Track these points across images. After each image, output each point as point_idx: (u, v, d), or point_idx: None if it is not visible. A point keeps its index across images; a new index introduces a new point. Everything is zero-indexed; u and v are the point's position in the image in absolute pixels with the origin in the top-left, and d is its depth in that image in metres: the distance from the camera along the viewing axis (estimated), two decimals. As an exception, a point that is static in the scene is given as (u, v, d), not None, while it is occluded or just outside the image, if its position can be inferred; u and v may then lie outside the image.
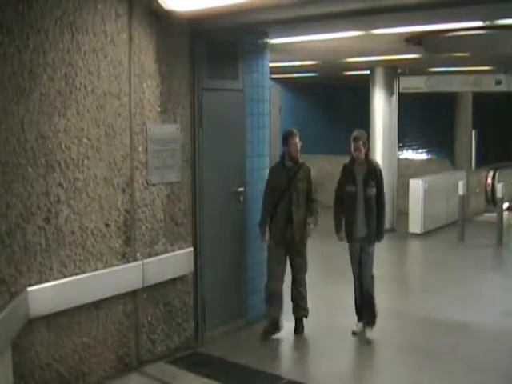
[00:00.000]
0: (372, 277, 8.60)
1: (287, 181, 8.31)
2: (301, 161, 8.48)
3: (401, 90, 16.70)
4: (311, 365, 7.25)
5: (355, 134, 8.51)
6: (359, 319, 8.70)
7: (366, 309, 8.61)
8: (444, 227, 16.10)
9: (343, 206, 8.60)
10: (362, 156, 8.38)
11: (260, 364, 7.48)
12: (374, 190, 8.34)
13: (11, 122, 5.88)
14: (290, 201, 8.29)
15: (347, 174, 8.53)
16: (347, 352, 8.13)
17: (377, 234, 8.49)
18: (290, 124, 18.85)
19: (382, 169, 8.59)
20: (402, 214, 16.05)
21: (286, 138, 8.38)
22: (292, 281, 8.62)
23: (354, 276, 8.73)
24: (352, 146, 8.44)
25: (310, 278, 8.68)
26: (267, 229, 8.52)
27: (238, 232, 8.59)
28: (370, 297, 8.57)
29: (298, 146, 8.36)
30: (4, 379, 5.49)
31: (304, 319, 8.67)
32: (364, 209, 8.37)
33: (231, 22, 7.48)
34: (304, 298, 8.63)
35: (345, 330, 8.59)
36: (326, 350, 8.02)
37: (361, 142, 8.35)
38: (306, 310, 8.66)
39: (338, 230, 8.67)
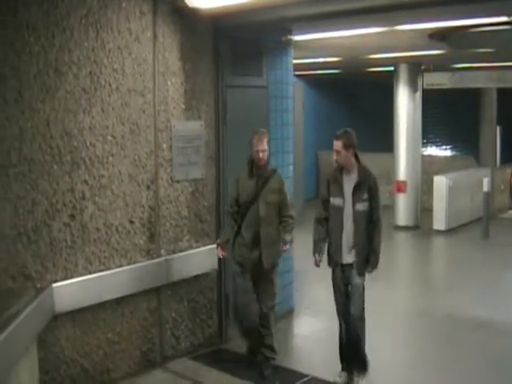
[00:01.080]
0: (361, 319, 6.97)
1: (255, 191, 6.98)
2: (271, 167, 7.21)
3: (425, 87, 16.62)
4: (332, 360, 7.23)
5: (338, 132, 6.87)
6: (344, 368, 7.07)
7: (353, 358, 7.05)
8: (468, 224, 16.00)
9: (327, 221, 6.96)
10: (343, 160, 6.73)
11: (283, 361, 7.48)
12: (365, 206, 6.70)
13: (37, 119, 5.95)
14: (258, 215, 6.96)
15: (333, 182, 6.89)
16: (374, 349, 8.10)
17: (368, 261, 6.85)
18: (314, 121, 18.83)
19: (377, 179, 6.82)
20: (426, 210, 15.98)
21: (251, 141, 6.97)
22: (260, 312, 7.13)
23: (338, 313, 7.09)
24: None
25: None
26: (231, 248, 7.23)
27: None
28: (358, 339, 6.99)
29: (263, 153, 6.96)
30: (30, 374, 5.54)
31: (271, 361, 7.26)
32: (352, 228, 6.74)
33: (255, 19, 7.49)
34: (271, 335, 7.21)
35: (367, 327, 8.57)
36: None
37: (340, 143, 6.69)
38: (273, 350, 7.25)
39: (314, 248, 7.00)
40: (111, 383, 6.76)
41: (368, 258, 6.84)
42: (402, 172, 15.89)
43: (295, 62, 9.39)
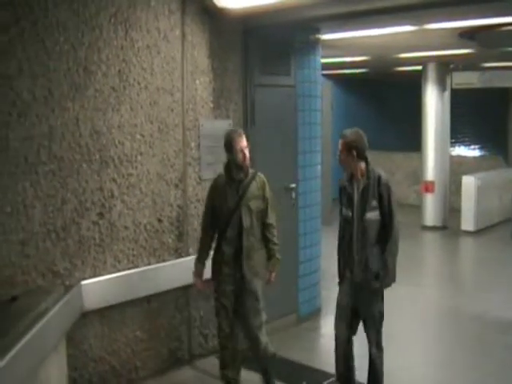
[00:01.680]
0: (379, 347, 6.26)
1: (237, 198, 6.22)
2: (252, 170, 6.42)
3: (453, 86, 16.51)
4: (361, 360, 7.20)
5: (345, 130, 6.29)
6: None
7: None
8: (497, 225, 15.90)
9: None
10: (343, 163, 6.12)
11: (311, 360, 7.47)
12: (375, 214, 5.96)
13: (66, 118, 5.98)
14: (241, 226, 6.20)
15: (343, 190, 6.23)
16: (402, 349, 8.05)
17: (384, 273, 6.04)
18: (342, 120, 18.76)
19: (388, 181, 6.06)
20: (455, 211, 15.88)
21: (229, 142, 6.24)
22: (244, 327, 6.42)
23: (337, 340, 6.36)
24: None
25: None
26: (210, 266, 6.44)
27: (290, 228, 8.52)
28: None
29: (247, 151, 6.26)
30: (59, 370, 5.57)
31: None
32: (360, 240, 6.02)
33: (283, 19, 7.48)
34: (259, 341, 6.35)
35: (395, 327, 8.54)
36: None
37: (343, 142, 6.11)
38: (268, 353, 6.44)
39: (339, 270, 6.34)
40: (139, 381, 6.78)
41: (384, 270, 6.01)
42: (430, 172, 15.79)
43: (323, 61, 9.36)
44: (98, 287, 6.28)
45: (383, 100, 21.57)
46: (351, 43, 11.43)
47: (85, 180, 6.15)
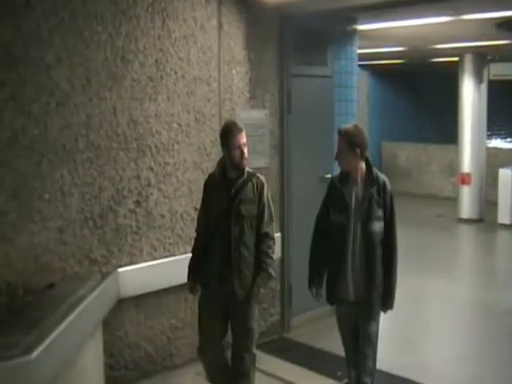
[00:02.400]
0: (372, 376, 5.52)
1: (227, 200, 5.48)
2: (249, 169, 5.67)
3: (490, 77, 16.38)
4: (397, 354, 7.20)
5: (342, 125, 5.48)
6: None
7: None
8: (534, 217, 15.75)
9: (325, 243, 5.42)
10: (345, 163, 5.29)
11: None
12: (380, 226, 5.22)
13: (104, 107, 6.04)
14: (229, 232, 5.45)
15: (335, 192, 5.37)
16: (437, 343, 8.01)
17: (384, 298, 5.38)
18: (377, 111, 18.68)
19: (391, 188, 5.32)
20: (491, 203, 15.73)
21: (226, 135, 5.55)
22: (231, 353, 5.72)
23: (349, 366, 5.70)
24: None
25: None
26: (197, 273, 5.71)
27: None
28: None
29: (245, 148, 5.54)
30: (95, 356, 5.63)
31: None
32: (363, 255, 5.22)
33: (320, 8, 7.48)
34: (244, 362, 5.64)
35: (430, 321, 8.51)
36: (412, 341, 7.95)
37: (343, 140, 5.24)
38: (246, 371, 5.70)
39: (311, 281, 5.53)
40: (174, 368, 6.84)
41: (383, 294, 5.36)
42: (467, 164, 15.65)
43: (359, 51, 9.33)
44: (134, 275, 6.33)
45: (419, 91, 21.44)
46: (388, 34, 11.37)
47: (122, 168, 6.20)
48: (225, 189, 5.51)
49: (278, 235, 7.51)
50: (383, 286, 5.35)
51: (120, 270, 6.20)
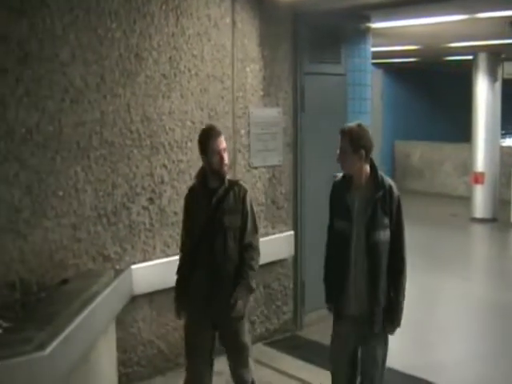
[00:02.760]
0: None
1: (209, 212, 5.12)
2: (229, 177, 5.33)
3: (504, 76, 16.30)
4: (410, 354, 7.18)
5: (345, 125, 4.88)
6: None
7: None
8: (548, 218, 15.69)
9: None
10: (348, 166, 4.81)
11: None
12: (386, 234, 4.74)
13: (118, 104, 6.06)
14: (213, 245, 5.10)
15: (337, 197, 5.00)
16: (451, 343, 7.98)
17: (389, 315, 4.84)
18: (391, 109, 18.62)
19: (399, 193, 4.83)
20: (505, 203, 15.65)
21: (204, 140, 5.18)
22: (231, 372, 5.38)
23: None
24: None
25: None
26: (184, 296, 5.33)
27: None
28: None
29: (225, 153, 5.14)
30: (108, 353, 5.65)
31: None
32: (366, 267, 4.76)
33: (334, 6, 7.47)
34: (243, 380, 5.32)
35: (443, 320, 8.49)
36: (426, 341, 7.93)
37: (347, 140, 4.71)
38: None
39: (327, 296, 5.12)
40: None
41: (388, 311, 4.83)
42: (480, 163, 15.58)
43: (373, 49, 9.32)
44: (147, 272, 6.35)
45: (433, 90, 21.37)
46: (401, 32, 11.34)
47: (135, 165, 6.22)
48: (206, 200, 5.14)
49: (291, 233, 7.53)
50: (389, 300, 4.82)
51: (133, 266, 6.21)
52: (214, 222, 5.10)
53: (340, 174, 4.97)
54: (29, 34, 5.42)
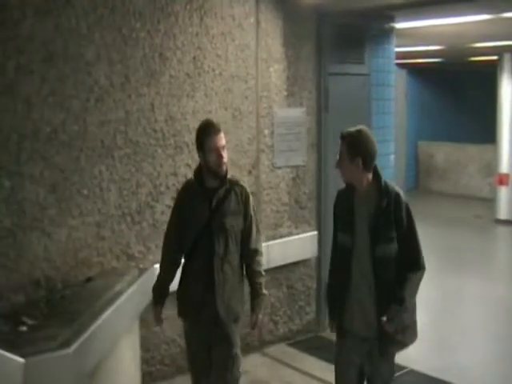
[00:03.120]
0: None
1: (208, 213, 4.79)
2: (231, 177, 5.02)
3: (530, 77, 16.18)
4: (432, 355, 7.15)
5: (346, 129, 4.56)
6: None
7: None
8: None
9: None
10: (347, 174, 4.53)
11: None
12: (392, 248, 4.37)
13: (142, 103, 6.09)
14: (212, 249, 4.76)
15: (339, 208, 4.71)
16: (473, 344, 7.93)
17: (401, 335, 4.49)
18: (414, 110, 18.51)
19: (407, 200, 4.49)
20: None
21: (201, 136, 4.84)
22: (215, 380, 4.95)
23: None
24: None
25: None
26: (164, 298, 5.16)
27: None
28: None
29: (224, 151, 4.82)
30: (132, 351, 5.66)
31: None
32: (372, 283, 4.41)
33: (357, 6, 7.46)
34: None
35: (466, 322, 8.44)
36: (448, 342, 7.89)
37: (345, 146, 4.46)
38: None
39: (330, 312, 4.83)
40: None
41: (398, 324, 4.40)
42: (505, 164, 15.44)
43: (397, 50, 9.29)
44: (170, 271, 6.35)
45: (458, 90, 21.23)
46: (425, 32, 11.29)
47: (159, 164, 6.24)
48: (204, 200, 4.80)
49: (314, 233, 7.52)
50: (396, 317, 4.39)
51: (157, 265, 6.18)
52: (213, 225, 4.76)
53: None
54: (54, 33, 5.45)
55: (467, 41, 13.44)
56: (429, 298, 8.49)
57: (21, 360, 3.86)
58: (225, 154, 4.82)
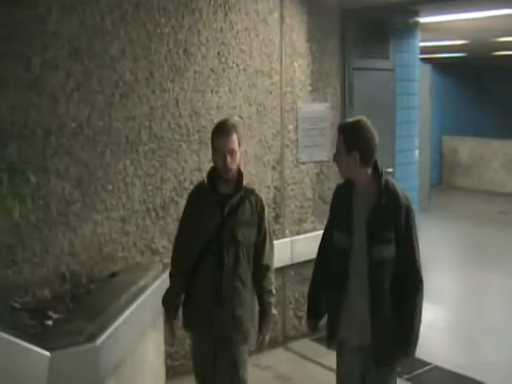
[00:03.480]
0: None
1: (218, 222, 4.37)
2: (247, 185, 4.58)
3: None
4: (458, 352, 7.11)
5: (343, 121, 4.44)
6: None
7: None
8: None
9: (328, 267, 4.32)
10: (343, 168, 4.16)
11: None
12: (390, 250, 3.98)
13: (167, 98, 6.10)
14: (222, 262, 4.35)
15: (337, 204, 4.35)
16: (499, 341, 7.88)
17: (401, 344, 4.06)
18: (438, 105, 18.40)
19: (410, 202, 4.08)
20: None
21: (212, 135, 4.48)
22: None
23: None
24: None
25: (455, 264, 7.86)
26: (179, 311, 4.67)
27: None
28: None
29: (233, 155, 4.36)
30: (156, 345, 5.67)
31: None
32: (368, 288, 4.04)
33: (382, 1, 7.44)
34: None
35: (493, 319, 8.39)
36: (474, 339, 7.84)
37: (342, 138, 4.04)
38: None
39: (309, 311, 4.53)
40: (234, 360, 6.86)
41: (400, 339, 4.06)
42: (530, 159, 15.39)
43: (421, 44, 9.24)
44: (195, 266, 6.35)
45: (482, 85, 21.10)
46: (450, 26, 11.23)
47: (184, 160, 6.25)
48: (216, 206, 4.40)
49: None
50: (398, 330, 4.06)
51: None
52: (223, 234, 4.35)
53: (390, 170, 4.63)
54: (79, 29, 5.48)
55: (491, 35, 13.34)
56: (453, 294, 8.46)
57: (46, 353, 3.88)
58: (234, 159, 4.35)
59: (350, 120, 4.18)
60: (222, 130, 4.37)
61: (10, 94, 5.13)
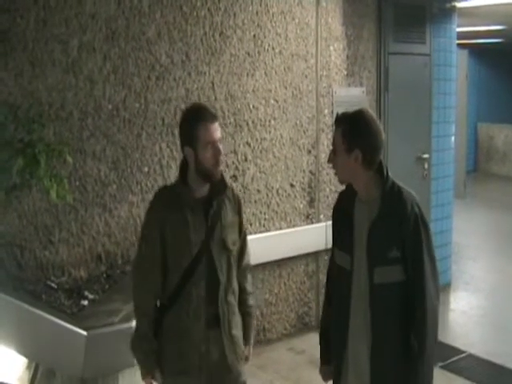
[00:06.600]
0: None
1: (204, 230, 3.53)
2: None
3: None
4: (491, 340, 7.04)
5: (341, 112, 3.30)
6: None
7: None
8: None
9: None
10: (340, 171, 3.30)
11: (441, 335, 7.33)
12: (395, 272, 3.18)
13: (202, 81, 6.10)
14: (217, 278, 3.55)
15: (337, 216, 3.54)
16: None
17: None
18: (474, 91, 18.24)
19: (422, 213, 3.28)
20: None
21: (191, 125, 3.52)
22: None
23: None
24: None
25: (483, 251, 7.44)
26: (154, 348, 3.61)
27: (421, 199, 8.28)
28: None
29: (220, 146, 3.54)
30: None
31: None
32: (369, 320, 3.24)
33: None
34: None
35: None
36: (508, 327, 7.77)
37: (339, 132, 3.21)
38: None
39: (321, 355, 3.63)
40: (267, 343, 6.88)
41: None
42: None
43: (458, 30, 9.14)
44: (229, 249, 6.35)
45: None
46: (487, 11, 11.11)
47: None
48: (198, 215, 3.54)
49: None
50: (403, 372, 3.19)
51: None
52: (212, 246, 3.56)
53: (426, 155, 3.84)
54: (116, 12, 5.49)
55: (529, 21, 13.21)
56: (488, 282, 8.37)
57: (83, 333, 3.92)
58: (221, 149, 3.56)
59: (352, 111, 3.26)
60: (207, 115, 3.54)
61: (47, 76, 5.15)
